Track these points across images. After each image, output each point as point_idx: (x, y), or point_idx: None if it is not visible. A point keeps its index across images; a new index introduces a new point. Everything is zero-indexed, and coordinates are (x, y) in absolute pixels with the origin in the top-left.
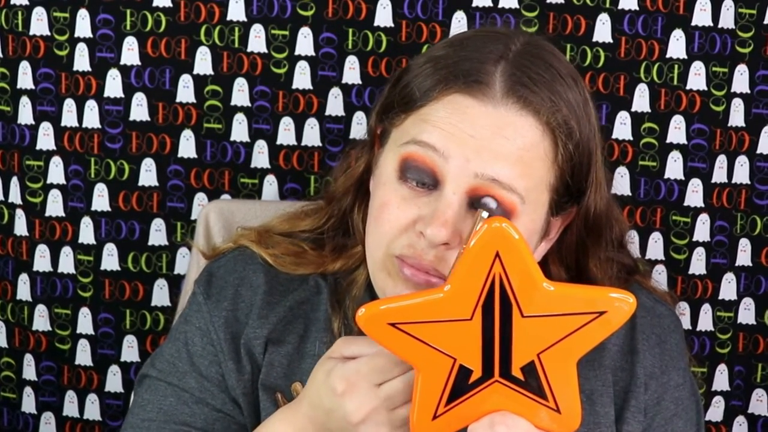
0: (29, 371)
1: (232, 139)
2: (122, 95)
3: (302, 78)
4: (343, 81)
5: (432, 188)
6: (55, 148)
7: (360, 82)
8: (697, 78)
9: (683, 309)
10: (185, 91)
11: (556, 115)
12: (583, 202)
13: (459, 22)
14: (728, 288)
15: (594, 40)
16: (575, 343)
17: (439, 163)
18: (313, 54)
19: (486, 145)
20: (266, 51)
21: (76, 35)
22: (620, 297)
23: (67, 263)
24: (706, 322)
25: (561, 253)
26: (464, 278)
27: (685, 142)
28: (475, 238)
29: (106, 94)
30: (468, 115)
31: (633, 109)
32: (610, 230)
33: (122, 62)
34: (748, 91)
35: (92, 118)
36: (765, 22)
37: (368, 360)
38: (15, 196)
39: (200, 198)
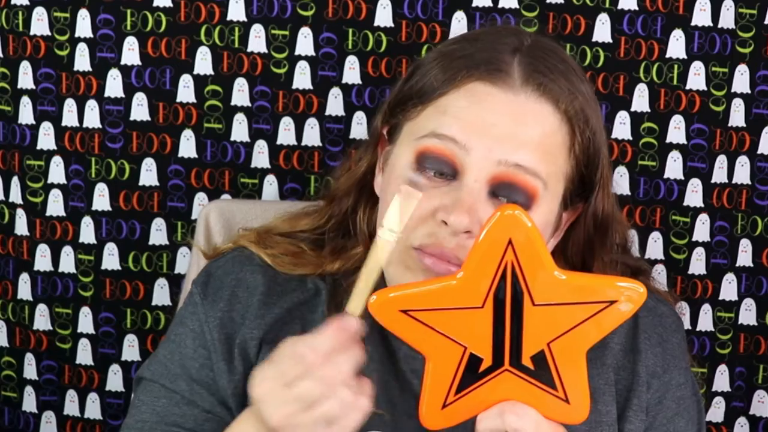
0: (30, 370)
1: (232, 139)
2: (123, 95)
3: (302, 78)
4: (343, 81)
5: (451, 178)
6: (55, 147)
7: (360, 82)
8: (696, 78)
9: (683, 309)
10: (185, 91)
11: (574, 104)
12: (591, 198)
13: (459, 22)
14: (729, 288)
15: (594, 40)
16: (585, 333)
17: (459, 154)
18: (313, 54)
19: (508, 132)
20: (266, 51)
21: (76, 35)
22: (630, 286)
23: (67, 263)
24: (706, 323)
25: (567, 252)
26: (477, 266)
27: (685, 142)
28: (488, 225)
29: (106, 94)
30: (489, 102)
31: (632, 109)
32: (614, 232)
33: (123, 62)
34: (749, 91)
35: (93, 117)
36: (765, 22)
37: (276, 363)
38: (16, 196)
39: (200, 198)
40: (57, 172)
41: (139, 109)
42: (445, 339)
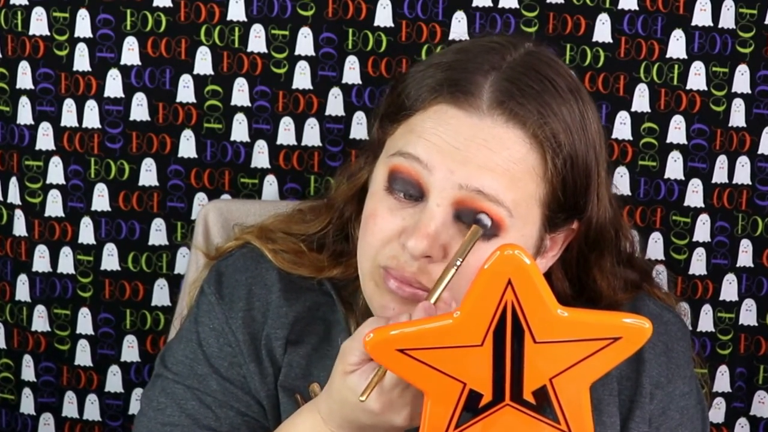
0: (28, 372)
1: (232, 139)
2: (122, 95)
3: (302, 78)
4: (343, 81)
5: (418, 200)
6: (54, 148)
7: (360, 82)
8: (697, 78)
9: (685, 310)
10: (185, 91)
11: (544, 128)
12: (583, 218)
13: (459, 22)
14: (729, 289)
15: (594, 40)
16: (588, 369)
17: (424, 174)
18: (313, 54)
19: (471, 156)
20: (266, 51)
21: (75, 35)
22: (635, 323)
23: (66, 263)
24: (706, 323)
25: (563, 267)
26: (475, 304)
27: (685, 142)
28: (486, 264)
29: (106, 94)
30: (453, 126)
31: (633, 109)
32: (614, 245)
33: (122, 62)
34: (749, 91)
35: (92, 118)
36: (766, 22)
37: (388, 377)
38: (14, 197)
39: (200, 198)
40: (56, 172)
41: (139, 109)
42: (444, 376)
